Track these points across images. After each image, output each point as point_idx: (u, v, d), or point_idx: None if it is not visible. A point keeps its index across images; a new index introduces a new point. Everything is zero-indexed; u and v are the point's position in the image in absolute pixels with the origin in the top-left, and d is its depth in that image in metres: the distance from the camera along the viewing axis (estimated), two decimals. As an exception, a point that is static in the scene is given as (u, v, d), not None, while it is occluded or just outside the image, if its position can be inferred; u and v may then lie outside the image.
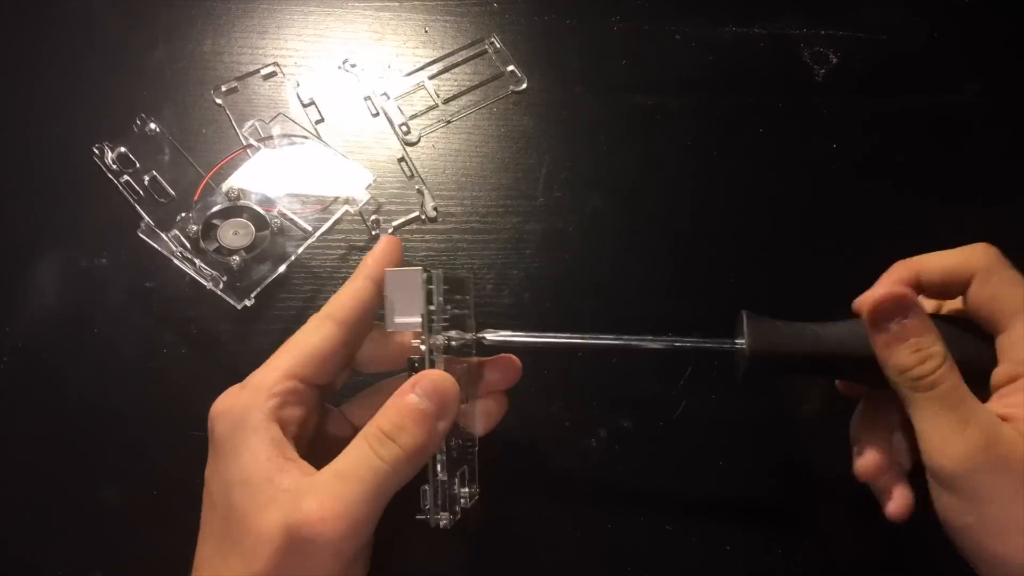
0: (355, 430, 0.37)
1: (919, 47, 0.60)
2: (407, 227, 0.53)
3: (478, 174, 0.55)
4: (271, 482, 0.32)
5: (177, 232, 0.49)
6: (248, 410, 0.34)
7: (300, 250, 0.50)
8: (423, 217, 0.53)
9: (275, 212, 0.51)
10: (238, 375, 0.48)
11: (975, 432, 0.33)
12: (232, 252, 0.49)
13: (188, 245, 0.49)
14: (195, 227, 0.49)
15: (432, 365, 0.36)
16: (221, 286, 0.48)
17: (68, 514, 0.45)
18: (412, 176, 0.54)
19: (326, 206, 0.51)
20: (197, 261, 0.48)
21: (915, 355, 0.34)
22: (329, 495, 0.32)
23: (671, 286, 0.52)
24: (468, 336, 0.39)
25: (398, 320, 0.37)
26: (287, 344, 0.37)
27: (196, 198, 0.51)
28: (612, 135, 0.56)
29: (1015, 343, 0.35)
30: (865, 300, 0.36)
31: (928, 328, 0.35)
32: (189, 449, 0.46)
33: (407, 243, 0.52)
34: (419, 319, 0.36)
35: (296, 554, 0.31)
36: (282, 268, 0.49)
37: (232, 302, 0.48)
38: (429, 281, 0.36)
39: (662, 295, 0.51)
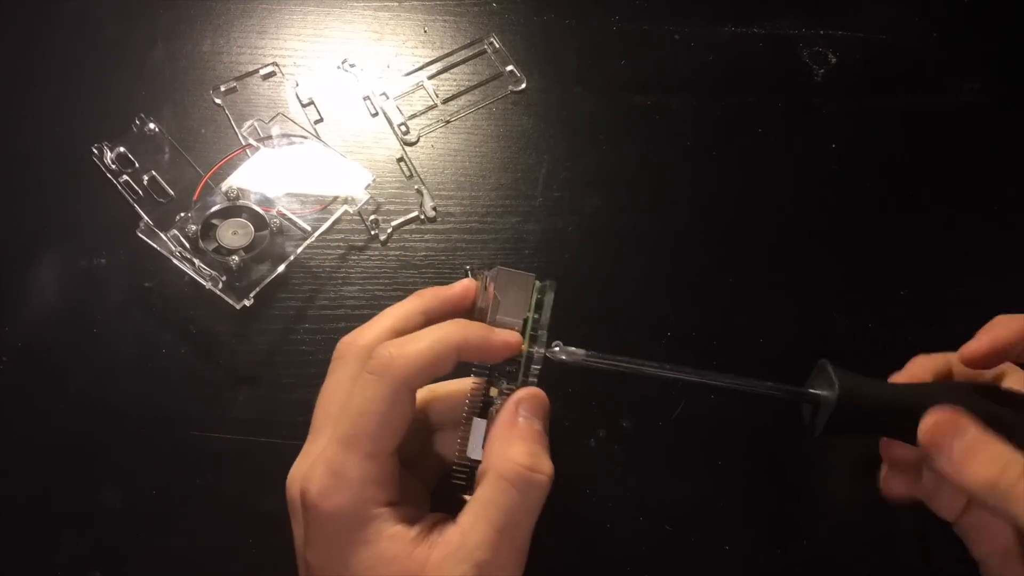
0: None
1: (919, 47, 0.60)
2: (406, 227, 0.53)
3: (477, 174, 0.55)
4: (424, 549, 0.32)
5: (176, 232, 0.49)
6: (362, 508, 0.33)
7: (299, 250, 0.50)
8: (422, 217, 0.53)
9: (274, 212, 0.51)
10: (238, 375, 0.48)
11: None
12: (231, 252, 0.49)
13: (187, 245, 0.49)
14: (194, 227, 0.49)
15: (527, 374, 0.36)
16: (220, 286, 0.48)
17: (68, 514, 0.45)
18: (411, 176, 0.54)
19: (325, 206, 0.51)
20: (196, 261, 0.48)
21: (993, 466, 0.32)
22: (502, 554, 0.32)
23: (670, 286, 0.52)
24: (536, 350, 0.37)
25: (500, 318, 0.36)
26: (364, 415, 0.33)
27: (195, 198, 0.51)
28: (611, 135, 0.56)
29: None
30: (922, 428, 0.34)
31: (991, 437, 0.33)
32: (189, 449, 0.46)
33: (406, 243, 0.52)
34: (520, 322, 0.36)
35: None
36: (281, 268, 0.49)
37: (231, 302, 0.48)
38: (541, 291, 0.37)
39: (661, 295, 0.51)
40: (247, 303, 0.48)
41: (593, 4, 0.61)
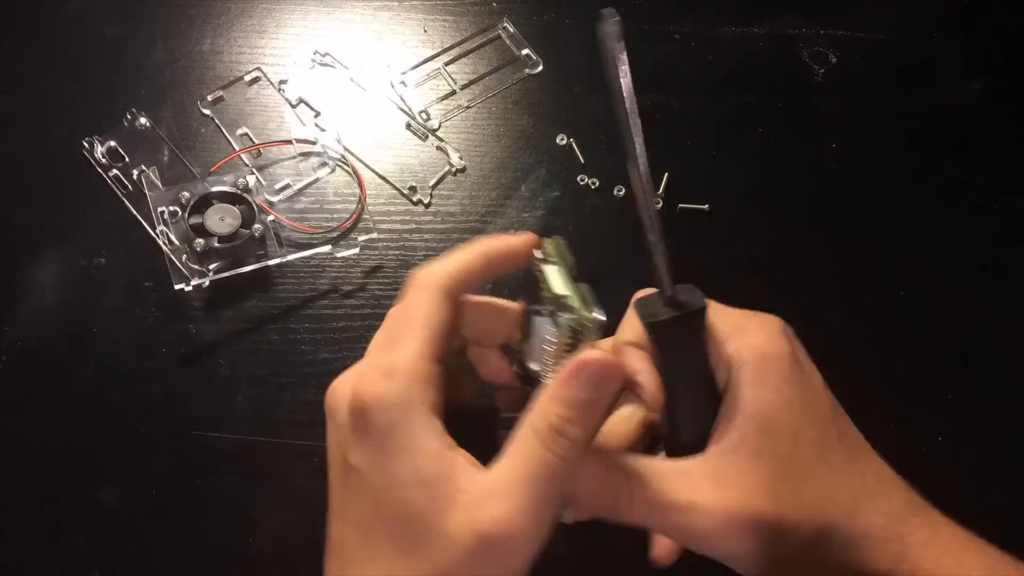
0: None
1: (919, 47, 0.60)
2: (438, 188, 0.53)
3: (477, 173, 0.54)
4: (449, 481, 0.32)
5: (176, 194, 0.49)
6: (409, 404, 0.33)
7: (256, 266, 0.49)
8: (454, 169, 0.53)
9: (271, 218, 0.50)
10: (236, 375, 0.48)
11: None
12: (210, 235, 0.48)
13: (174, 209, 0.49)
14: (187, 195, 0.49)
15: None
16: (184, 258, 0.47)
17: (67, 514, 0.45)
18: (427, 137, 0.55)
19: (321, 230, 0.51)
20: (171, 223, 0.48)
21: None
22: (517, 500, 0.32)
23: (670, 286, 0.51)
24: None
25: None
26: (407, 321, 0.35)
27: (214, 169, 0.51)
28: (611, 135, 0.56)
29: None
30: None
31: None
32: (189, 449, 0.46)
33: (406, 243, 0.52)
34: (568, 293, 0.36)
35: (487, 558, 0.31)
36: (233, 272, 0.49)
37: (173, 278, 0.47)
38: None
39: (661, 295, 0.51)
40: (186, 288, 0.47)
41: (593, 4, 0.61)
